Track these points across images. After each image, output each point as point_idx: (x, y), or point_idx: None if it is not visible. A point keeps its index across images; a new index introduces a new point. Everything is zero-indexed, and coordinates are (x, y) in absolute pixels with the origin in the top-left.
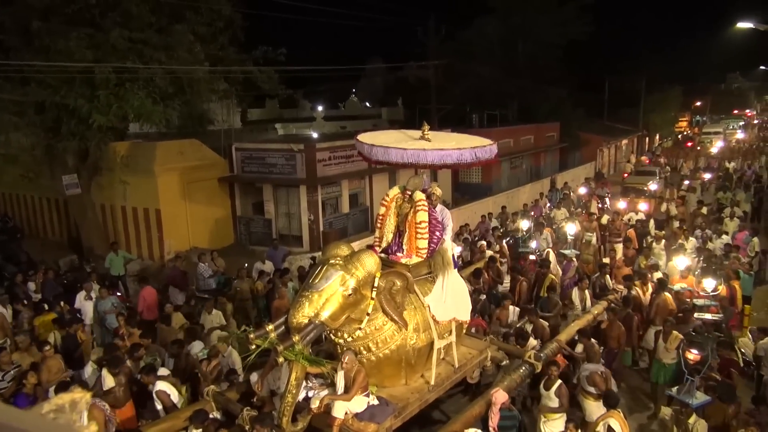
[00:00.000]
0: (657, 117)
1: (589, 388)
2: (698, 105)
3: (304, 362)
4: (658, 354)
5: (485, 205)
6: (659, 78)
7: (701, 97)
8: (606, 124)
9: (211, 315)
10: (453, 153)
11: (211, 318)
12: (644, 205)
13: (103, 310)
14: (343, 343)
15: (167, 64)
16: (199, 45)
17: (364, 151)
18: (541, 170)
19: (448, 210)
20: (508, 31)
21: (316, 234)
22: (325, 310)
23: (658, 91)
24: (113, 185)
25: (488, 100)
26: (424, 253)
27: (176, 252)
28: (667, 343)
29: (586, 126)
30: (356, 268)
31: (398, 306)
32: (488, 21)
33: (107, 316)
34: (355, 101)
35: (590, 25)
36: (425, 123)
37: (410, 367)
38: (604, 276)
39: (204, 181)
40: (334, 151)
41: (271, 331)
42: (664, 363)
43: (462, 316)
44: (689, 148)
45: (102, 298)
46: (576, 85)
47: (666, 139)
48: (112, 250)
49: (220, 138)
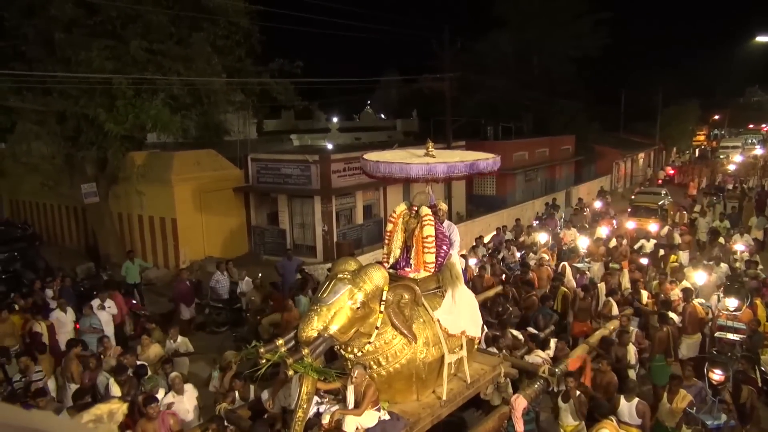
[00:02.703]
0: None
1: None
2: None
3: (313, 374)
4: (661, 415)
5: (499, 217)
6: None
7: (719, 111)
8: (622, 138)
9: (176, 342)
10: (458, 165)
11: (176, 345)
12: (654, 226)
13: (82, 327)
14: (353, 357)
15: (185, 75)
16: (217, 57)
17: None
18: (556, 183)
19: (455, 225)
20: (523, 45)
21: (329, 245)
22: (334, 323)
23: (675, 104)
24: (130, 194)
25: (503, 113)
26: (432, 268)
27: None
28: (674, 404)
29: (601, 139)
30: (364, 281)
31: (407, 319)
32: (502, 34)
33: (85, 335)
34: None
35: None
36: (429, 141)
37: (421, 381)
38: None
39: (220, 191)
40: (349, 162)
41: (281, 345)
42: (667, 427)
43: (472, 331)
44: (704, 165)
45: (85, 315)
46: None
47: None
48: (129, 258)
49: (236, 148)
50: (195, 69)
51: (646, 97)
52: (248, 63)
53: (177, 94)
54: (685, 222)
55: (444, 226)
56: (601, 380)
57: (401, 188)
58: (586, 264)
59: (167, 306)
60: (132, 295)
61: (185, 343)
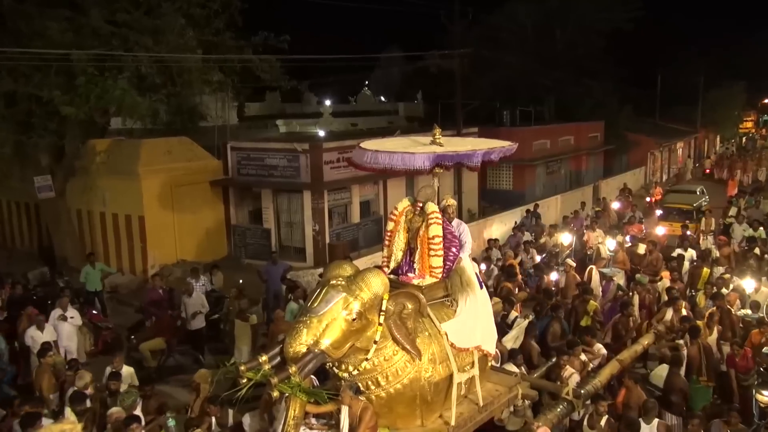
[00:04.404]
0: (718, 116)
1: None
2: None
3: (302, 396)
4: None
5: (516, 215)
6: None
7: None
8: (658, 124)
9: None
10: (470, 155)
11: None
12: (689, 232)
13: None
14: (348, 376)
15: (155, 51)
16: (192, 29)
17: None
18: (582, 176)
19: (465, 225)
20: (544, 16)
21: (321, 246)
22: (326, 337)
23: (718, 86)
24: (91, 188)
25: (521, 95)
26: (439, 273)
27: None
28: None
29: (634, 126)
30: (361, 289)
31: (410, 332)
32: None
33: None
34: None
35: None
36: (436, 127)
37: (426, 404)
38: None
39: (194, 185)
40: (344, 151)
41: (265, 362)
42: None
43: (486, 345)
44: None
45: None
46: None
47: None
48: (89, 262)
49: (213, 136)
50: (166, 43)
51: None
52: (227, 37)
53: (145, 73)
54: (712, 228)
55: (453, 225)
56: (628, 398)
57: (404, 182)
58: (614, 270)
59: (134, 317)
60: (93, 304)
61: (130, 376)
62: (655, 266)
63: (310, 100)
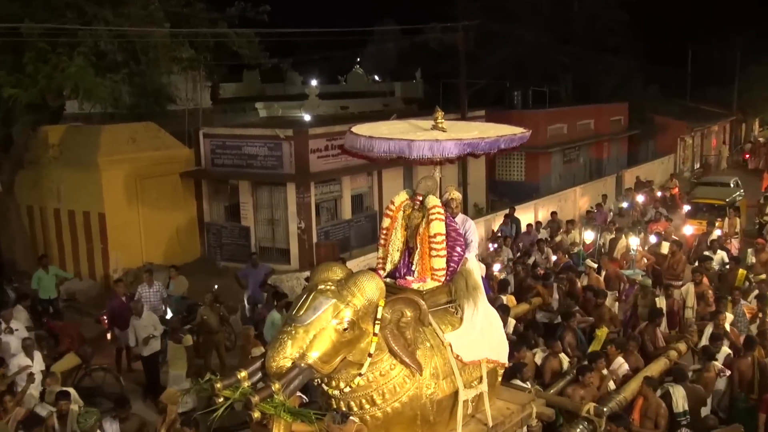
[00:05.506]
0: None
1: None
2: None
3: (286, 416)
4: None
5: (529, 210)
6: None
7: None
8: (689, 106)
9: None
10: (477, 142)
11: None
12: (718, 231)
13: None
14: (338, 394)
15: (115, 24)
16: None
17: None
18: (603, 165)
19: (471, 221)
20: None
21: (307, 246)
22: (314, 350)
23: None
24: (44, 182)
25: (534, 73)
26: (442, 276)
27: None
28: None
29: (662, 108)
30: (353, 295)
31: (409, 344)
32: None
33: None
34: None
35: None
36: (438, 110)
37: (428, 425)
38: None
39: (162, 177)
40: (333, 138)
41: (245, 378)
42: None
43: (496, 356)
44: None
45: None
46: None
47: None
48: (41, 265)
49: (183, 121)
50: (128, 16)
51: (721, 53)
52: (199, 8)
53: (104, 50)
54: (736, 230)
55: (457, 221)
56: (646, 408)
57: (401, 172)
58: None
59: (94, 328)
60: (47, 313)
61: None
62: (677, 269)
63: (294, 80)
